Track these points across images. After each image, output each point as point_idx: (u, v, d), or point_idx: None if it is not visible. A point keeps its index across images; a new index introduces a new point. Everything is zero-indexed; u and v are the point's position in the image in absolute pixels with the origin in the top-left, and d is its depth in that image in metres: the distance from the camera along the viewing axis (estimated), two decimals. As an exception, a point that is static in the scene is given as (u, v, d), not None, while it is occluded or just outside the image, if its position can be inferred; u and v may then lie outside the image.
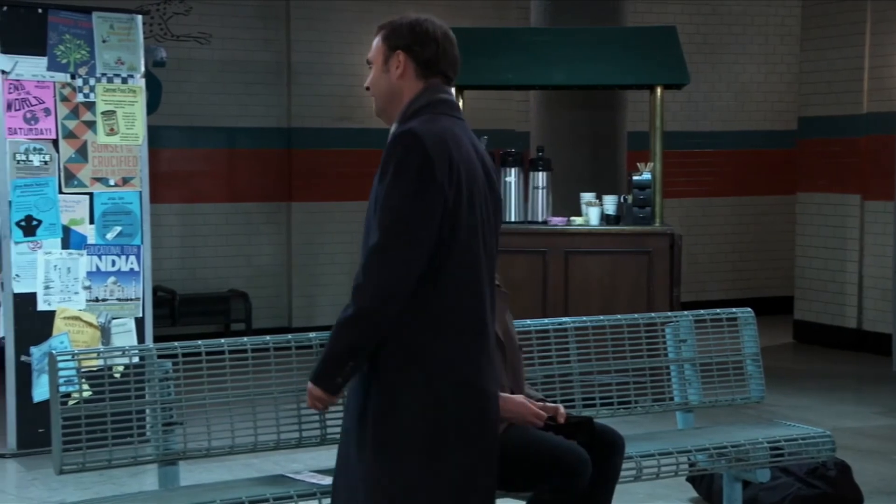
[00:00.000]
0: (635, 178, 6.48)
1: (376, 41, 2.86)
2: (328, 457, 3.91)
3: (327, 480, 3.35)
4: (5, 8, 5.56)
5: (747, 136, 10.40)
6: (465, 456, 2.73)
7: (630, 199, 6.53)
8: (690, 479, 4.76)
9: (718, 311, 4.37)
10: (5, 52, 5.55)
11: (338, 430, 3.73)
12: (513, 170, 6.57)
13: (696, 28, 9.99)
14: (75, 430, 3.32)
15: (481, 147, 2.86)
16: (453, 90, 2.87)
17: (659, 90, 6.51)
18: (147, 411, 3.50)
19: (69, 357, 3.39)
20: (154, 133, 6.57)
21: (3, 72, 5.55)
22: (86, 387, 3.48)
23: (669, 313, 4.40)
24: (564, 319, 4.10)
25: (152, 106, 6.12)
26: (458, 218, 2.65)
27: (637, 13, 8.99)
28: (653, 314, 4.38)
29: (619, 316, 4.20)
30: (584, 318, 4.13)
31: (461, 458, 2.72)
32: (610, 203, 6.56)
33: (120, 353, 3.75)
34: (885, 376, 7.66)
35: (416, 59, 2.80)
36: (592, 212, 6.53)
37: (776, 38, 10.40)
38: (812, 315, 8.89)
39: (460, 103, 6.65)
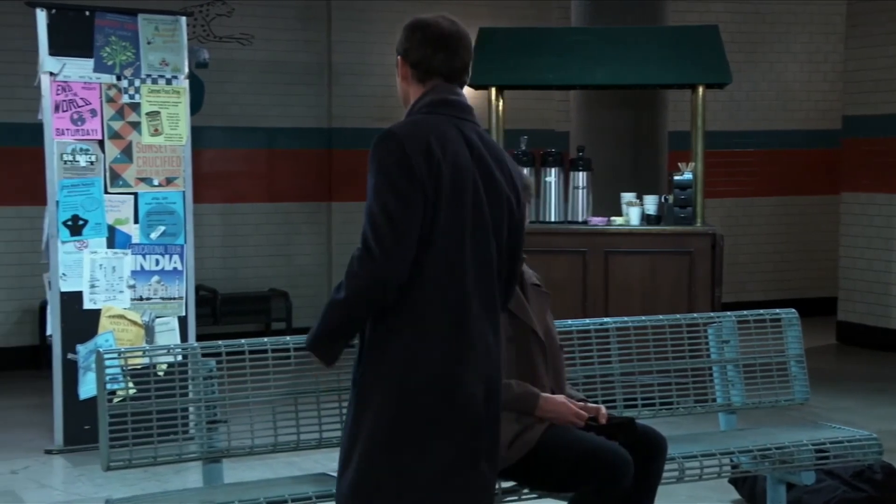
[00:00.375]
0: (676, 177, 6.44)
1: None
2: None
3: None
4: (53, 11, 5.64)
5: (790, 136, 10.30)
6: (441, 451, 2.69)
7: (671, 198, 6.50)
8: (733, 481, 4.73)
9: (762, 311, 4.34)
10: (53, 54, 5.63)
11: (315, 435, 3.74)
12: (553, 170, 6.56)
13: (737, 27, 9.91)
14: (122, 428, 3.36)
15: (493, 145, 2.82)
16: (465, 89, 2.87)
17: (701, 90, 6.47)
18: (191, 409, 3.54)
19: (115, 355, 3.43)
20: (196, 133, 6.62)
21: (52, 74, 5.63)
22: (131, 384, 3.52)
23: (712, 314, 4.37)
24: (606, 320, 4.08)
25: (195, 106, 6.17)
26: (438, 212, 2.67)
27: (678, 12, 8.93)
28: (695, 314, 4.35)
29: (660, 316, 4.18)
30: (626, 318, 4.11)
31: (437, 455, 2.69)
32: (651, 203, 6.52)
33: (165, 351, 3.78)
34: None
35: (410, 62, 2.83)
36: (633, 212, 6.51)
37: (820, 35, 10.29)
38: (856, 316, 8.78)
39: (500, 103, 6.66)
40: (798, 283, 10.28)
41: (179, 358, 3.68)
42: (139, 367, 3.59)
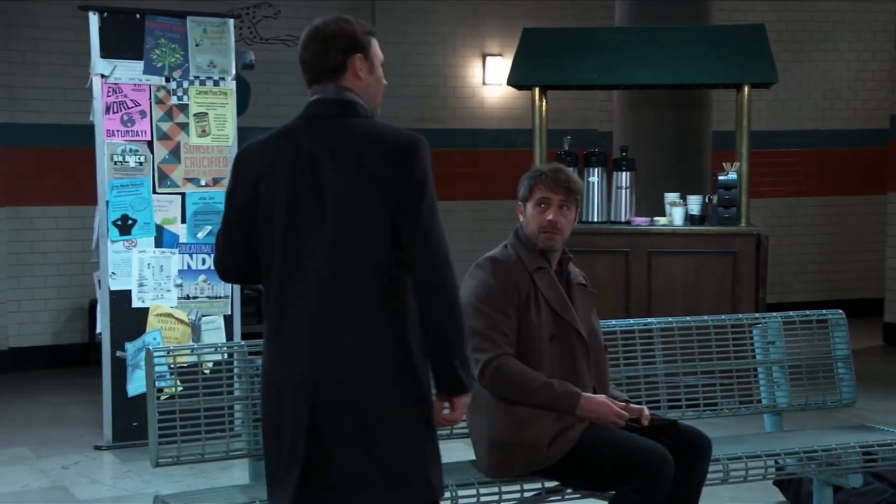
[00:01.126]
0: (721, 177, 6.38)
1: None
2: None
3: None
4: (105, 14, 5.71)
5: (836, 135, 10.17)
6: (275, 451, 2.69)
7: (715, 199, 6.44)
8: (778, 483, 4.68)
9: (808, 312, 4.29)
10: (105, 56, 5.70)
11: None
12: (596, 170, 6.52)
13: (784, 25, 9.80)
14: (170, 425, 3.40)
15: (331, 144, 2.68)
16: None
17: (746, 89, 6.40)
18: (237, 407, 3.57)
19: (164, 353, 3.47)
20: (242, 134, 6.65)
21: (103, 76, 5.69)
22: (178, 382, 3.55)
23: (757, 314, 4.33)
24: (650, 320, 4.06)
25: (241, 107, 6.21)
26: (255, 218, 2.71)
27: (724, 11, 8.85)
28: (740, 315, 4.31)
29: (705, 317, 4.15)
30: (670, 318, 4.09)
31: (273, 454, 2.70)
32: (694, 203, 6.47)
33: (212, 349, 3.81)
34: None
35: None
36: (676, 212, 6.46)
37: (868, 34, 10.15)
38: (903, 318, 8.66)
39: (543, 104, 6.63)
40: (844, 283, 10.15)
41: (226, 356, 3.71)
42: (186, 364, 3.61)
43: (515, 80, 6.70)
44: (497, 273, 3.48)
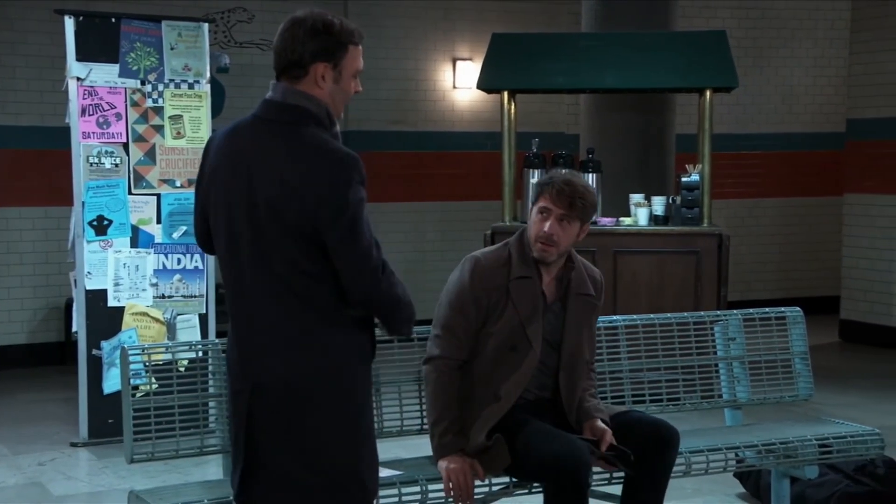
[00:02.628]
0: (684, 179, 6.43)
1: None
2: (398, 447, 3.96)
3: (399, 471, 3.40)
4: (81, 18, 5.66)
5: (794, 138, 10.26)
6: (231, 443, 2.73)
7: (678, 200, 6.48)
8: (738, 475, 4.71)
9: (767, 309, 4.32)
10: (80, 59, 5.65)
11: (396, 423, 3.77)
12: (563, 171, 6.53)
13: (744, 32, 9.87)
14: (145, 422, 3.37)
15: (283, 137, 2.60)
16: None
17: (708, 93, 6.44)
18: (212, 404, 3.55)
19: (139, 351, 3.44)
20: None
21: (78, 79, 5.65)
22: (153, 380, 3.53)
23: (718, 312, 4.34)
24: (615, 317, 4.07)
25: (216, 110, 6.18)
26: (206, 203, 2.72)
27: (686, 17, 8.90)
28: (702, 313, 4.33)
29: (668, 314, 4.16)
30: (635, 316, 4.10)
31: (231, 445, 2.73)
32: (658, 204, 6.51)
33: (187, 347, 3.79)
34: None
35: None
36: (641, 212, 6.49)
37: (825, 41, 10.25)
38: (858, 314, 8.75)
39: (511, 107, 6.64)
40: (802, 282, 10.24)
41: (200, 354, 3.68)
42: (161, 363, 3.59)
43: (485, 84, 6.71)
44: (473, 274, 3.44)
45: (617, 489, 3.57)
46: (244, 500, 2.69)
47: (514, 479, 3.45)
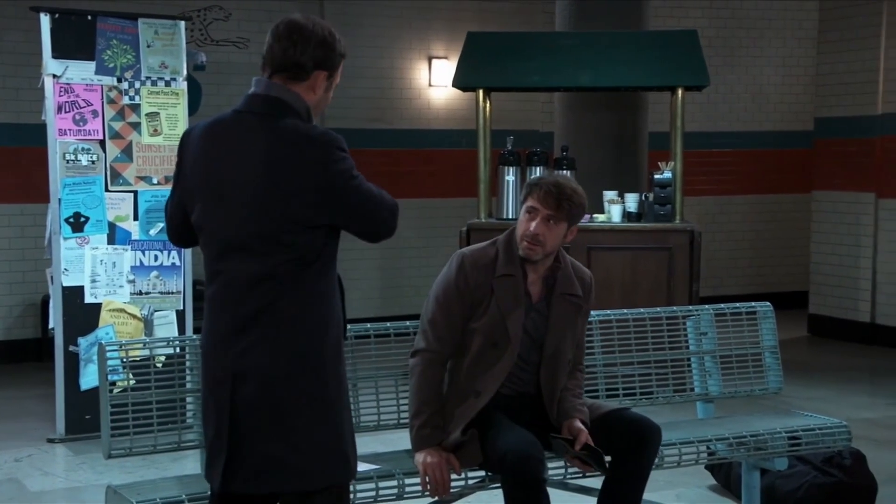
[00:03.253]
0: (657, 176, 6.45)
1: None
2: (375, 442, 3.96)
3: (376, 465, 3.39)
4: (56, 15, 5.61)
5: (764, 137, 10.33)
6: (208, 434, 2.72)
7: (651, 197, 6.50)
8: (709, 467, 4.74)
9: (738, 305, 4.34)
10: (56, 57, 5.61)
11: (373, 418, 3.77)
12: (538, 168, 6.55)
13: (715, 31, 9.93)
14: (123, 417, 3.35)
15: (264, 129, 2.62)
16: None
17: (680, 92, 6.47)
18: (190, 399, 3.53)
19: (117, 347, 3.42)
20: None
21: (54, 76, 5.60)
22: (129, 376, 3.51)
23: (691, 307, 4.37)
24: (590, 312, 4.07)
25: (192, 108, 6.14)
26: (187, 198, 2.72)
27: (658, 17, 8.94)
28: (675, 308, 4.35)
29: (641, 309, 4.18)
30: (609, 311, 4.11)
31: (208, 437, 2.73)
32: (632, 201, 6.53)
33: (164, 343, 3.77)
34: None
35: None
36: (615, 209, 6.51)
37: (793, 40, 10.32)
38: (826, 309, 8.82)
39: (487, 105, 6.65)
40: (772, 277, 10.32)
41: (178, 350, 3.67)
42: (138, 358, 3.57)
43: (460, 83, 6.71)
44: (459, 270, 3.46)
45: (594, 482, 3.59)
46: (228, 489, 2.68)
47: (489, 474, 3.46)
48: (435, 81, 9.22)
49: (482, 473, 3.47)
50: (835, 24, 8.74)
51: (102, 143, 5.72)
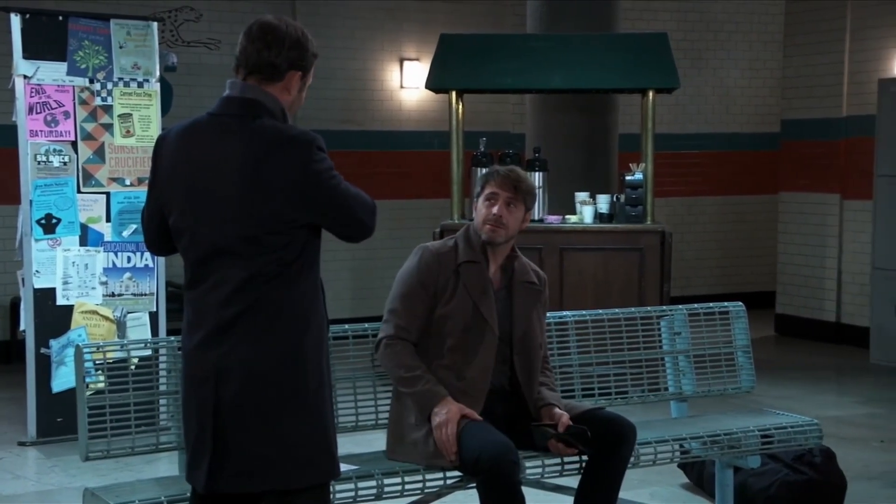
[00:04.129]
0: (628, 177, 6.49)
1: None
2: (351, 443, 3.94)
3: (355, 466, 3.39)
4: (27, 16, 5.55)
5: (732, 138, 10.42)
6: (190, 435, 2.71)
7: (622, 198, 6.54)
8: (682, 466, 4.77)
9: (711, 304, 4.38)
10: (27, 57, 5.55)
11: (351, 418, 3.76)
12: (508, 170, 6.56)
13: (683, 34, 10.00)
14: (101, 419, 3.32)
15: (244, 134, 2.60)
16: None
17: (651, 94, 6.51)
18: (166, 401, 3.51)
19: (94, 349, 3.39)
20: (167, 135, 6.55)
21: (26, 77, 5.54)
22: (101, 378, 3.47)
23: (665, 307, 4.40)
24: (565, 313, 4.09)
25: (163, 109, 6.10)
26: (165, 203, 2.70)
27: (628, 20, 8.99)
28: (648, 308, 4.38)
29: (616, 310, 4.21)
30: (584, 311, 4.13)
31: (189, 437, 2.72)
32: (603, 202, 6.57)
33: (142, 345, 3.74)
34: (862, 367, 7.70)
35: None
36: (587, 210, 6.54)
37: (759, 43, 10.43)
38: (793, 309, 8.91)
39: (459, 107, 6.65)
40: (740, 277, 10.41)
41: (154, 352, 3.63)
42: (111, 360, 3.53)
43: (433, 84, 6.72)
44: (421, 261, 3.54)
45: (570, 481, 3.60)
46: (213, 489, 2.66)
47: (448, 474, 3.46)
48: (407, 83, 9.21)
49: (458, 474, 3.47)
50: (800, 28, 8.83)
51: (74, 144, 5.66)
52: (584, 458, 3.51)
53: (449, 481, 3.48)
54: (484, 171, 3.70)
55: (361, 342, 3.75)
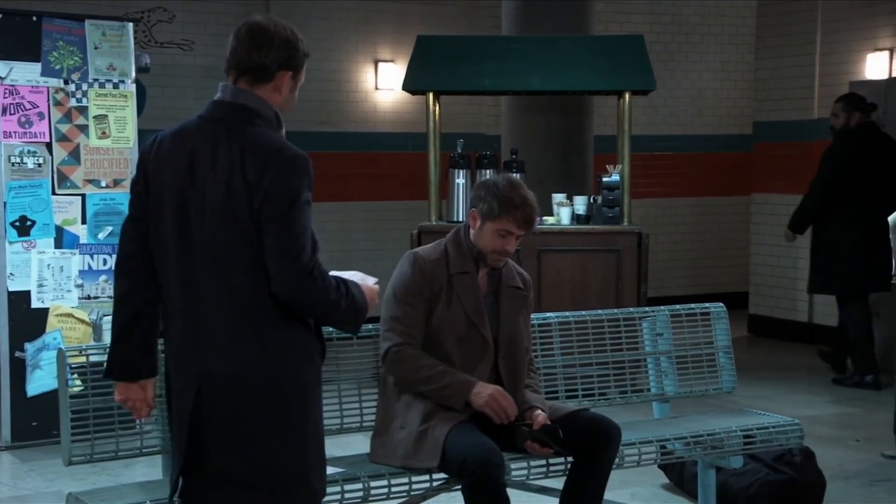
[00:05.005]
0: (605, 179, 6.51)
1: None
2: (334, 447, 3.93)
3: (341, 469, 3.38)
4: (0, 16, 5.49)
5: (704, 140, 10.49)
6: (173, 439, 2.71)
7: (599, 199, 6.57)
8: (662, 466, 4.79)
9: (693, 305, 4.40)
10: (1, 58, 5.48)
11: (336, 421, 3.74)
12: (488, 171, 6.57)
13: (656, 36, 10.05)
14: (84, 423, 3.29)
15: (239, 137, 2.59)
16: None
17: (627, 96, 6.55)
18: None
19: (77, 352, 3.36)
20: (141, 137, 6.50)
21: (-1, 77, 5.49)
22: (78, 382, 3.44)
23: (647, 308, 4.42)
24: (548, 314, 4.11)
25: (137, 110, 6.05)
26: (150, 208, 2.66)
27: (602, 21, 9.03)
28: (631, 309, 4.41)
29: (599, 311, 4.22)
30: (567, 312, 4.15)
31: (173, 441, 2.71)
32: (580, 203, 6.59)
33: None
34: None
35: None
36: (564, 212, 6.56)
37: (731, 46, 10.51)
38: (766, 309, 8.99)
39: (436, 108, 6.65)
40: (713, 278, 10.48)
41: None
42: (95, 364, 3.49)
43: (410, 86, 6.71)
44: (414, 267, 3.52)
45: (555, 483, 3.61)
46: (184, 500, 2.65)
47: (434, 476, 3.46)
48: (381, 84, 9.20)
49: (444, 476, 3.48)
50: (772, 30, 8.92)
51: (49, 145, 5.61)
52: (570, 459, 3.52)
53: (434, 483, 3.48)
54: (495, 185, 3.47)
55: (345, 345, 3.74)
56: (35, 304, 5.57)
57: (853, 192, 6.96)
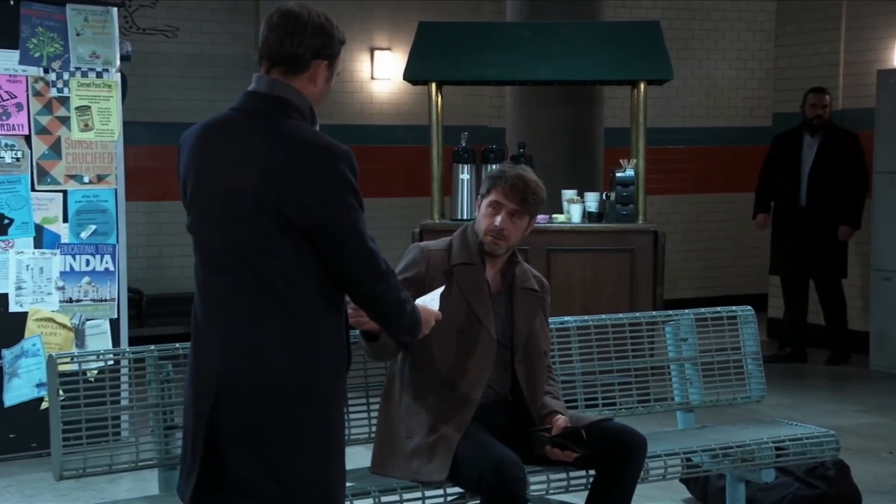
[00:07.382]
0: (619, 174, 6.49)
1: None
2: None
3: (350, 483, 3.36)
4: (-24, -1, 5.47)
5: (720, 133, 10.50)
6: (185, 444, 2.71)
7: (612, 196, 6.55)
8: (684, 480, 4.78)
9: (719, 309, 4.40)
10: (-24, 45, 5.46)
11: (350, 432, 3.73)
12: (494, 166, 6.56)
13: (668, 23, 10.01)
14: (76, 434, 3.28)
15: (272, 133, 2.60)
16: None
17: (642, 86, 6.53)
18: (125, 418, 3.48)
19: (68, 359, 3.34)
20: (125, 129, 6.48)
21: (-25, 65, 5.46)
22: (60, 392, 3.42)
23: (671, 311, 4.41)
24: (566, 318, 4.10)
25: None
26: (186, 201, 2.70)
27: (610, 8, 9.03)
28: (654, 312, 4.40)
29: (621, 315, 4.22)
30: (587, 316, 4.14)
31: (184, 446, 2.71)
32: (592, 200, 6.57)
33: (119, 354, 3.69)
34: (863, 374, 7.78)
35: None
36: (574, 209, 6.55)
37: (748, 33, 10.52)
38: (785, 313, 8.96)
39: (439, 99, 6.64)
40: (728, 280, 10.49)
41: (109, 363, 3.58)
42: (67, 371, 3.47)
43: (412, 75, 6.69)
44: (413, 258, 3.58)
45: (576, 497, 3.61)
46: None
47: (448, 491, 3.46)
48: (378, 74, 9.19)
49: (459, 490, 3.47)
50: (793, 17, 8.92)
51: (28, 138, 5.58)
52: (591, 472, 3.52)
53: (449, 499, 3.48)
54: (493, 168, 3.65)
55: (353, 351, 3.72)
56: (13, 307, 5.54)
57: None
